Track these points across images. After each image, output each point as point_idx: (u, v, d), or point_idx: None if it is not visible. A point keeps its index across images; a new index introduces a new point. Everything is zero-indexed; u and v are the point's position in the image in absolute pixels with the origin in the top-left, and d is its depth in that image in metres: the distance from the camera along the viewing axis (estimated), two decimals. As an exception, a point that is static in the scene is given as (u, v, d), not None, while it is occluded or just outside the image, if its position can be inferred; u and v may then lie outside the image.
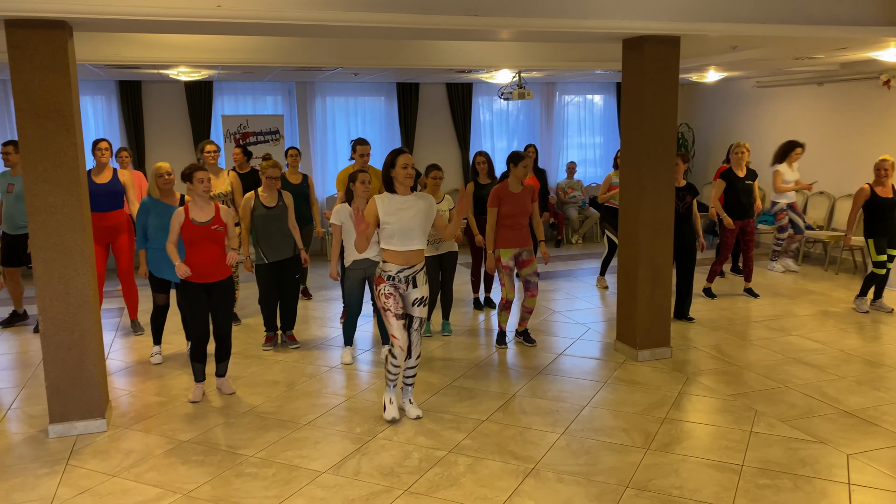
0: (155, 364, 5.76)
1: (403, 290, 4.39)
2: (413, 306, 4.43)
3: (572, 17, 4.86)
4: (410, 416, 4.60)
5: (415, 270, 4.38)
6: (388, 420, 4.53)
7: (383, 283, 4.35)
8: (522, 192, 5.77)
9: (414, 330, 4.46)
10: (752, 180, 7.52)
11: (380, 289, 4.37)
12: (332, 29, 4.67)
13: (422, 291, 4.42)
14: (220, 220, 4.79)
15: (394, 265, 4.33)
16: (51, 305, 4.33)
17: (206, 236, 4.73)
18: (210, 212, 4.78)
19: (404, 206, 4.29)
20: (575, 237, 11.21)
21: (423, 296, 4.43)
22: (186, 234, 4.71)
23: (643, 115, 5.38)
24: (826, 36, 5.49)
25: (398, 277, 4.34)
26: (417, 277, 4.40)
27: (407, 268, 4.35)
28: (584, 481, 3.79)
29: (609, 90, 11.90)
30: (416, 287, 4.40)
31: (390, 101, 10.84)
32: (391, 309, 4.34)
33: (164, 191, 5.56)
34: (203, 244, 4.73)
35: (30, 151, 4.19)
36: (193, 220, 4.72)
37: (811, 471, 3.86)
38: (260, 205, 5.80)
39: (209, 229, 4.73)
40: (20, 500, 3.69)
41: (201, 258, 4.74)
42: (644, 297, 5.59)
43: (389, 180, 4.35)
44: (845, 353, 5.74)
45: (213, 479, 3.86)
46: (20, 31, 4.07)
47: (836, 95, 9.28)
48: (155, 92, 9.85)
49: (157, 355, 5.82)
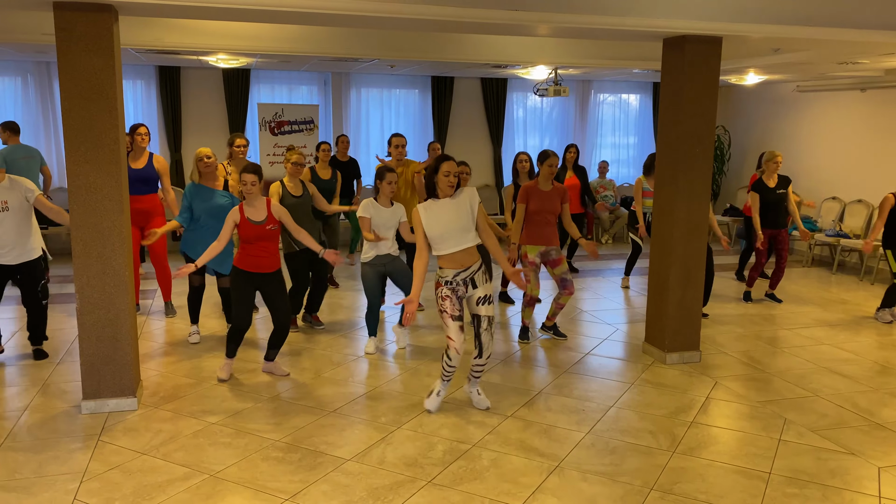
0: (193, 343, 5.87)
1: (463, 293, 4.39)
2: (478, 305, 4.40)
3: (613, 15, 4.82)
4: (480, 406, 4.64)
5: (471, 272, 4.36)
6: (426, 408, 4.58)
7: (441, 287, 4.37)
8: (551, 191, 5.77)
9: (483, 330, 4.41)
10: (783, 188, 7.39)
11: (438, 292, 4.38)
12: (372, 19, 4.68)
13: (484, 290, 4.40)
14: (273, 219, 4.90)
15: (449, 270, 4.34)
16: (88, 284, 4.42)
17: (262, 235, 4.87)
18: (263, 211, 4.88)
19: (444, 210, 4.30)
20: (605, 237, 11.14)
21: (486, 294, 4.40)
22: (243, 233, 4.85)
23: (681, 116, 5.32)
24: (873, 41, 5.37)
25: (455, 281, 4.35)
26: (476, 277, 4.38)
27: (462, 270, 4.34)
28: (608, 481, 3.77)
29: (645, 90, 11.79)
30: (477, 287, 4.39)
31: (424, 95, 10.85)
32: (447, 311, 4.33)
33: (206, 174, 5.66)
34: (258, 242, 4.88)
35: (73, 132, 4.27)
36: (249, 220, 4.85)
37: (841, 482, 3.79)
38: (287, 194, 5.88)
39: (264, 229, 4.86)
40: (53, 472, 3.78)
41: (257, 255, 4.88)
42: (675, 300, 5.53)
43: (432, 185, 4.34)
44: (879, 365, 5.63)
45: (239, 462, 3.92)
46: (68, 14, 4.15)
47: (880, 102, 9.08)
48: (193, 78, 9.97)
49: (195, 335, 5.92)
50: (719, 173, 11.59)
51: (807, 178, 10.06)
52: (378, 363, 5.55)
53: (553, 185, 5.81)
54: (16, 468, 3.82)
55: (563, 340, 6.08)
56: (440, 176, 4.28)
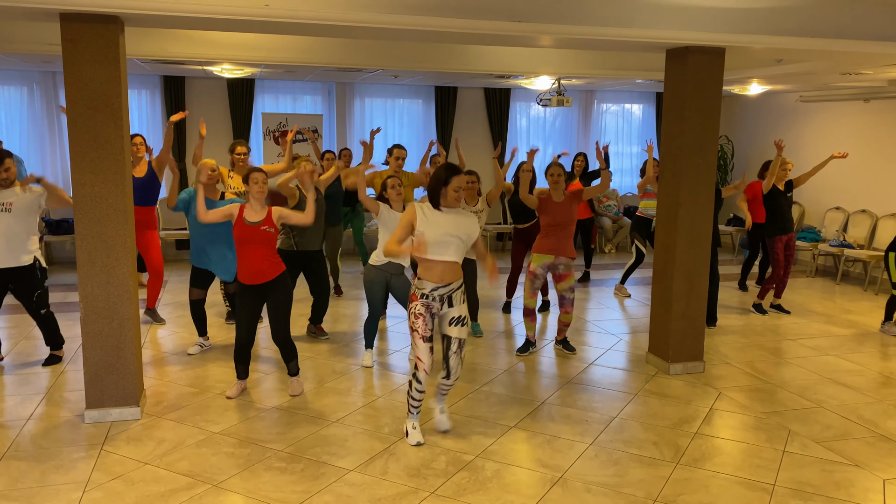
0: (192, 354, 5.86)
1: (437, 310, 4.17)
2: (451, 326, 4.19)
3: (616, 26, 4.84)
4: (440, 427, 4.45)
5: (450, 289, 4.14)
6: (412, 444, 4.28)
7: (416, 301, 4.13)
8: (565, 200, 5.76)
9: (453, 353, 4.20)
10: (790, 192, 7.41)
11: (412, 306, 4.15)
12: (376, 31, 4.71)
13: (459, 311, 4.18)
14: (270, 221, 4.79)
15: (428, 282, 4.11)
16: (92, 294, 4.43)
17: (256, 237, 4.73)
18: (262, 213, 4.80)
19: (444, 220, 4.10)
20: (608, 246, 11.14)
21: (461, 315, 4.19)
22: (237, 233, 4.77)
23: (684, 126, 5.33)
24: (876, 52, 5.38)
25: (432, 296, 4.12)
26: (454, 296, 4.17)
27: (442, 286, 4.11)
28: (611, 493, 3.76)
29: (648, 100, 11.81)
30: (453, 306, 4.18)
31: (428, 104, 10.88)
32: (419, 330, 4.11)
33: (208, 186, 5.65)
34: (252, 245, 4.74)
35: (79, 142, 4.30)
36: (245, 220, 4.75)
37: (846, 494, 3.78)
38: (304, 198, 5.90)
39: (258, 230, 4.73)
40: (55, 481, 3.78)
41: (252, 260, 4.76)
42: (678, 310, 5.52)
43: (436, 195, 4.12)
44: (884, 376, 5.61)
45: (242, 472, 3.91)
46: (75, 25, 4.18)
47: (883, 112, 9.09)
48: (198, 88, 10.02)
49: (196, 347, 5.93)
50: (722, 183, 11.59)
51: (810, 188, 10.05)
52: (380, 373, 5.55)
53: (564, 193, 5.81)
54: (19, 477, 3.82)
55: (571, 354, 6.06)
56: (450, 190, 4.07)
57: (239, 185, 6.52)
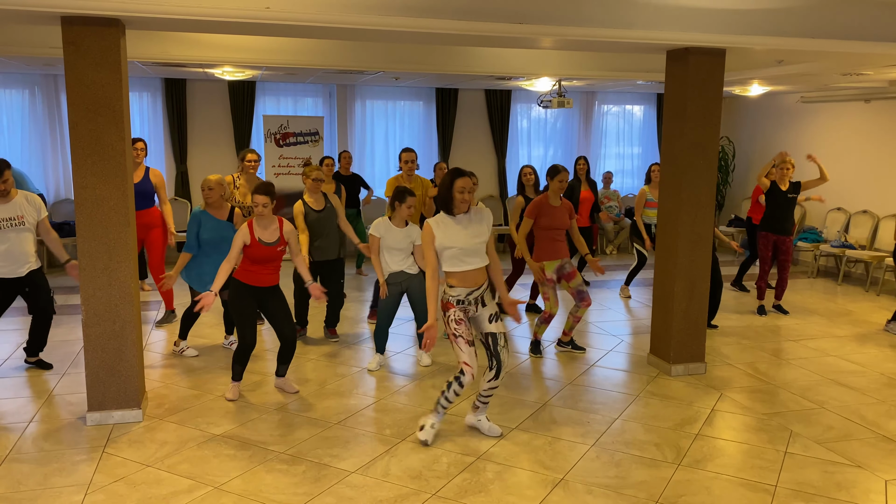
0: (190, 357, 5.85)
1: (474, 312, 4.26)
2: (490, 323, 4.25)
3: (617, 27, 4.84)
4: (493, 434, 4.41)
5: (482, 290, 4.25)
6: (421, 440, 4.31)
7: (453, 308, 4.18)
8: (561, 206, 5.79)
9: (501, 347, 4.23)
10: (795, 193, 7.38)
11: (449, 314, 4.19)
12: (378, 33, 4.71)
13: (493, 307, 4.29)
14: (283, 240, 4.87)
15: (461, 288, 4.17)
16: (93, 296, 4.43)
17: (271, 256, 4.82)
18: (275, 232, 4.84)
19: (460, 226, 4.16)
20: (609, 248, 11.14)
21: (495, 311, 4.29)
22: (253, 254, 4.76)
23: (685, 128, 5.33)
24: (877, 52, 5.38)
25: (467, 300, 4.19)
26: (485, 296, 4.28)
27: (475, 289, 4.20)
28: (613, 494, 3.75)
29: (649, 101, 11.81)
30: (486, 305, 4.25)
31: (429, 106, 10.89)
32: (463, 335, 4.15)
33: (211, 204, 5.59)
34: (265, 263, 4.83)
35: (80, 145, 4.30)
36: (261, 241, 4.77)
37: (847, 495, 3.77)
38: (310, 210, 5.95)
39: (275, 250, 4.82)
40: (57, 484, 3.78)
41: (264, 272, 4.85)
42: (680, 312, 5.52)
43: (444, 200, 4.17)
44: (886, 377, 5.61)
45: (244, 474, 3.91)
46: (76, 28, 4.19)
47: (884, 113, 9.08)
48: (199, 90, 10.03)
49: (188, 349, 5.91)
50: (724, 184, 11.59)
51: (811, 188, 10.04)
52: (382, 375, 5.55)
53: (561, 200, 5.83)
54: (21, 480, 3.83)
55: (581, 353, 6.06)
56: (455, 193, 4.11)
57: (246, 195, 6.56)
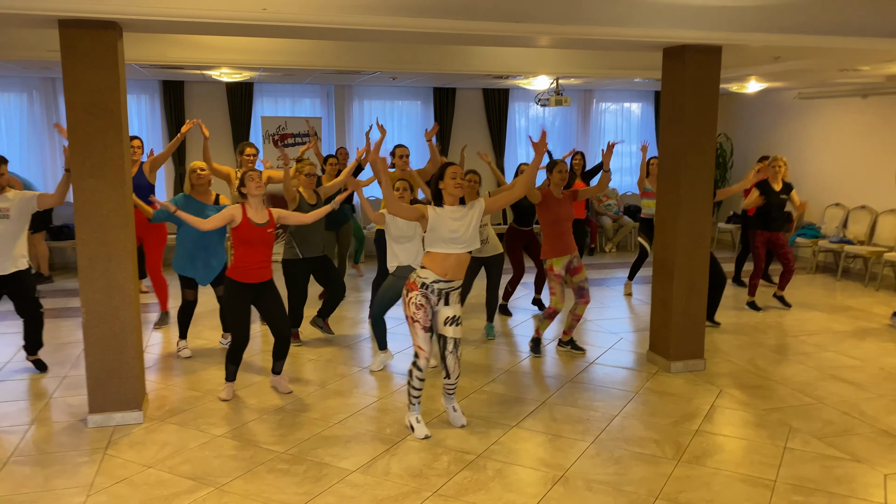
0: (185, 358, 5.86)
1: (434, 304, 4.27)
2: (446, 325, 4.25)
3: (613, 25, 4.85)
4: (456, 423, 4.51)
5: (450, 287, 4.24)
6: (420, 437, 4.36)
7: (416, 291, 4.21)
8: (564, 198, 5.80)
9: (449, 352, 4.27)
10: (786, 194, 7.41)
11: (411, 297, 4.22)
12: (375, 33, 4.72)
13: (454, 310, 4.27)
14: (273, 223, 4.87)
15: (431, 273, 4.20)
16: (93, 298, 4.44)
17: (261, 238, 4.81)
18: (265, 214, 4.86)
19: (454, 216, 4.21)
20: (608, 246, 11.15)
21: (455, 314, 4.27)
22: (243, 234, 4.77)
23: (682, 125, 5.34)
24: (874, 48, 5.39)
25: (431, 287, 4.21)
26: (451, 295, 4.26)
27: (443, 280, 4.20)
28: (613, 491, 3.77)
29: (647, 98, 11.82)
30: (448, 305, 4.27)
31: (427, 106, 10.90)
32: (420, 321, 4.21)
33: (198, 187, 5.68)
34: (256, 246, 4.81)
35: (78, 147, 4.32)
36: (251, 221, 4.78)
37: (847, 489, 3.78)
38: (304, 201, 5.92)
39: (264, 231, 4.82)
40: (59, 486, 3.79)
41: (252, 259, 4.80)
42: (679, 309, 5.53)
43: (438, 193, 4.26)
44: (885, 372, 5.62)
45: (245, 474, 3.92)
46: (73, 31, 4.20)
47: (881, 108, 9.10)
48: (197, 92, 10.04)
49: (184, 349, 5.92)
50: (722, 181, 11.60)
51: (810, 184, 10.06)
52: (383, 375, 5.56)
53: (563, 192, 5.84)
54: (22, 482, 3.84)
55: (581, 354, 6.04)
56: (447, 179, 4.20)
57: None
